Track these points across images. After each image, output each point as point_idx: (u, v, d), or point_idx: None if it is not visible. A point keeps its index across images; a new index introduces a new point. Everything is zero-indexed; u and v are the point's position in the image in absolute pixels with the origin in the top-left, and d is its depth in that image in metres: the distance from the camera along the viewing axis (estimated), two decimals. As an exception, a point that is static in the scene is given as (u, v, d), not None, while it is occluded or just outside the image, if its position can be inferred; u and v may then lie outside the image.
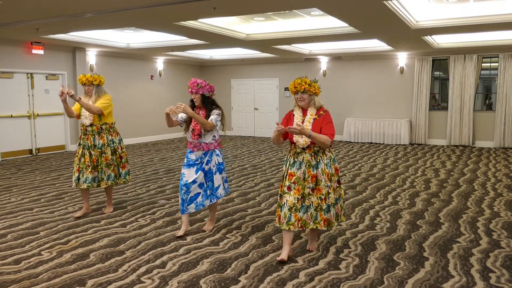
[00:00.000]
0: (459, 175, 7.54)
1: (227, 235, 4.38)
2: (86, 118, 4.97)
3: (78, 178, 4.96)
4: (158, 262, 3.68)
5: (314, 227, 3.68)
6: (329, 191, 3.68)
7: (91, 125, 4.97)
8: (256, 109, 14.66)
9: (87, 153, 4.95)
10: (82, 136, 5.01)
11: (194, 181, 4.28)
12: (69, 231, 4.52)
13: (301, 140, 3.63)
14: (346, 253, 3.88)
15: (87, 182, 4.91)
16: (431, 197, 5.98)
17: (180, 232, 4.39)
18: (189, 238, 4.29)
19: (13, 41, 9.55)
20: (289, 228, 3.62)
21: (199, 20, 7.77)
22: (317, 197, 3.64)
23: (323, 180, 3.64)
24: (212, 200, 4.39)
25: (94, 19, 7.16)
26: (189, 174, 4.29)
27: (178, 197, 5.95)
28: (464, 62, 11.54)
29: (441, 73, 12.58)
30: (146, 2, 5.93)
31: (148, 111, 13.25)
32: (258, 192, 6.31)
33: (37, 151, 10.32)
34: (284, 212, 3.63)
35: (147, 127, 13.30)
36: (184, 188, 4.29)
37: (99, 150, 4.96)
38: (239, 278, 3.35)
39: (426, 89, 12.03)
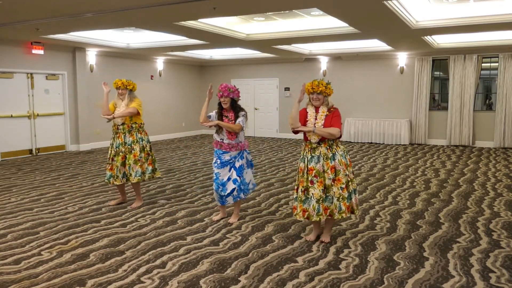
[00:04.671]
0: (459, 175, 7.54)
1: (227, 235, 4.38)
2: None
3: (111, 176, 5.33)
4: (158, 262, 3.68)
5: (340, 217, 3.99)
6: (349, 179, 3.97)
7: (122, 124, 5.34)
8: (256, 109, 14.66)
9: (115, 152, 5.31)
10: (114, 136, 5.38)
11: (229, 178, 4.71)
12: (69, 231, 4.52)
13: (314, 136, 3.94)
14: (346, 253, 3.88)
15: (119, 178, 5.32)
16: (431, 197, 5.98)
17: (217, 217, 4.92)
18: (189, 238, 4.29)
19: (13, 41, 9.55)
20: (319, 218, 3.97)
21: (199, 20, 7.78)
22: (337, 188, 3.94)
23: (341, 170, 3.94)
24: (246, 193, 4.81)
25: (94, 19, 7.16)
26: (224, 173, 4.71)
27: (178, 197, 6.07)
28: (464, 62, 11.54)
29: (441, 73, 12.58)
30: (146, 2, 5.93)
31: (148, 111, 13.19)
32: (258, 192, 6.31)
33: (37, 151, 10.32)
34: (313, 205, 3.95)
35: (147, 127, 13.26)
36: (221, 187, 4.72)
37: (129, 146, 5.32)
38: (239, 278, 3.35)
39: (426, 89, 12.03)
